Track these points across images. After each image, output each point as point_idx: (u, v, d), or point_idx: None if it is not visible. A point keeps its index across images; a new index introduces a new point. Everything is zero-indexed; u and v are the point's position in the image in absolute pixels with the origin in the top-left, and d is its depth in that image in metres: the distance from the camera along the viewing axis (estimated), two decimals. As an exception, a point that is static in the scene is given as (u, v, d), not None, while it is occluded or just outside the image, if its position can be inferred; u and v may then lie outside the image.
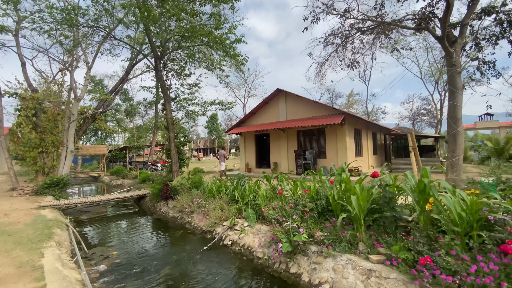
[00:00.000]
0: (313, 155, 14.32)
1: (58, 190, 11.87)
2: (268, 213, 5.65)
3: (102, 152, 24.57)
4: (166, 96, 9.63)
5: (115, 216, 10.16)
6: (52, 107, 18.11)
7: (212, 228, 6.75)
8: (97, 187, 20.36)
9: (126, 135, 64.83)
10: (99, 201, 9.97)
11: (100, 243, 6.90)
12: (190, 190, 9.14)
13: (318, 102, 14.42)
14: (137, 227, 8.44)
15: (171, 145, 9.65)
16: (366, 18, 11.33)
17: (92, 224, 8.88)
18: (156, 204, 10.19)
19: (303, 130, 15.48)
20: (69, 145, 13.02)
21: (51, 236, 5.61)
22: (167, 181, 10.04)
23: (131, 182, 16.56)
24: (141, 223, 8.90)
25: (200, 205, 7.78)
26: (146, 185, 13.67)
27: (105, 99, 20.99)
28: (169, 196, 9.39)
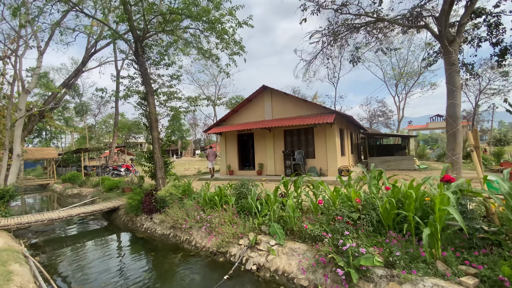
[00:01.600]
0: (303, 155, 13.69)
1: (3, 204, 9.29)
2: (310, 229, 4.61)
3: (51, 155, 20.94)
4: (149, 86, 7.98)
5: (82, 236, 8.16)
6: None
7: (224, 248, 5.50)
8: (47, 197, 17.11)
9: (75, 136, 58.06)
10: (60, 218, 7.89)
11: (72, 279, 5.16)
12: (181, 200, 7.67)
13: (307, 100, 13.89)
14: (116, 249, 6.72)
15: (155, 146, 8.04)
16: (364, 14, 11.02)
17: (53, 249, 6.88)
18: (135, 218, 8.45)
19: (291, 130, 14.77)
20: (16, 148, 10.38)
21: (10, 279, 3.84)
22: (151, 190, 8.38)
23: (93, 191, 14.09)
24: (120, 243, 7.17)
25: (202, 219, 6.42)
26: (115, 195, 11.60)
27: (55, 93, 17.99)
28: (154, 209, 7.79)
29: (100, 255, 6.39)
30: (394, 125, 42.55)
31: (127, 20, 7.55)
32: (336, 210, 4.62)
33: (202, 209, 7.14)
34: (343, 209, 4.64)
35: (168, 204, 7.55)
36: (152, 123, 7.97)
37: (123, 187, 11.65)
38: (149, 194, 8.22)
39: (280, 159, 14.85)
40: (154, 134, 8.00)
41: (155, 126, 8.02)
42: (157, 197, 7.66)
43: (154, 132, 8.00)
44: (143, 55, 8.05)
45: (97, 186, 15.02)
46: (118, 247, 6.88)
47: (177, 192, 7.65)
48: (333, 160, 13.30)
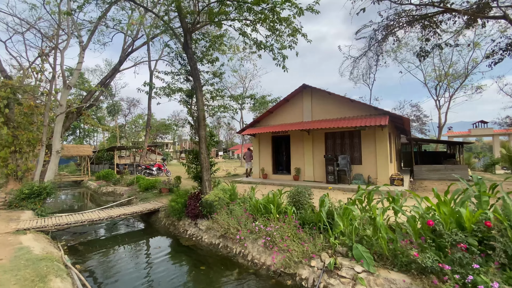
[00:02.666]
0: (348, 161, 12.52)
1: (39, 202, 9.12)
2: (421, 258, 3.56)
3: (86, 153, 21.35)
4: (198, 81, 7.34)
5: (121, 238, 7.65)
6: (29, 99, 15.12)
7: (292, 269, 4.60)
8: (82, 194, 17.27)
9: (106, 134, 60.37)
10: (100, 219, 7.43)
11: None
12: (229, 206, 6.90)
13: (354, 100, 12.77)
14: (161, 259, 6.04)
15: (201, 146, 7.36)
16: (430, 3, 9.76)
17: (92, 254, 6.37)
18: (178, 223, 7.81)
19: (333, 133, 13.65)
20: (55, 144, 10.25)
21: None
22: (196, 193, 7.72)
23: (128, 190, 13.85)
24: (164, 251, 6.51)
25: (260, 231, 5.58)
26: (152, 195, 11.15)
27: (93, 91, 18.21)
28: (200, 214, 7.08)
29: (144, 264, 5.75)
30: (429, 131, 39.59)
31: (178, 10, 6.98)
32: (453, 235, 3.56)
33: (254, 217, 6.33)
34: (460, 234, 3.57)
35: (215, 210, 6.81)
36: (200, 121, 7.31)
37: (160, 187, 11.18)
38: (194, 198, 7.55)
39: (320, 164, 13.77)
40: (201, 133, 7.34)
41: (203, 124, 7.36)
42: (204, 201, 6.95)
43: (201, 130, 7.33)
44: (192, 48, 7.45)
45: (132, 185, 14.81)
46: (163, 255, 6.21)
47: (225, 197, 6.90)
48: (383, 167, 12.01)
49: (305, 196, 6.38)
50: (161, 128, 53.06)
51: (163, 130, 71.40)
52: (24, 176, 12.59)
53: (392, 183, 12.07)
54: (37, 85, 14.26)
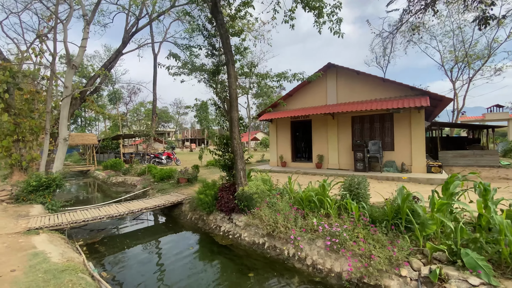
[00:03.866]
0: (380, 147, 11.52)
1: (49, 195, 8.22)
2: None
3: (91, 141, 20.38)
4: (229, 53, 6.22)
5: (143, 235, 6.76)
6: (29, 83, 14.02)
7: (376, 280, 3.70)
8: (89, 185, 16.42)
9: (108, 124, 59.34)
10: (120, 214, 6.53)
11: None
12: (271, 199, 5.97)
13: (387, 79, 11.60)
14: (200, 262, 5.16)
15: (234, 130, 6.34)
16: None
17: (115, 255, 5.50)
18: (207, 217, 6.91)
19: (361, 116, 12.59)
20: (62, 131, 9.25)
21: None
22: (229, 184, 6.77)
23: (140, 180, 12.96)
24: (199, 252, 5.62)
25: (325, 231, 4.65)
26: (170, 186, 10.24)
27: (96, 75, 17.01)
28: (236, 208, 6.16)
29: (179, 269, 4.85)
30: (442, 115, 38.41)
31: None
32: None
33: (303, 213, 5.41)
34: None
35: (255, 204, 5.88)
36: (232, 100, 6.26)
37: (178, 177, 10.26)
38: (226, 189, 6.61)
39: (346, 150, 12.80)
40: (233, 115, 6.29)
41: (235, 104, 6.31)
42: (240, 194, 6.01)
43: (233, 112, 6.29)
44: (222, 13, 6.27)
45: (143, 174, 13.91)
46: (198, 257, 5.33)
47: (267, 189, 5.96)
48: (419, 154, 11.04)
49: (365, 187, 5.43)
50: (163, 116, 51.91)
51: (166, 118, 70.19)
52: (29, 167, 11.70)
53: (429, 171, 11.14)
54: (37, 69, 13.09)
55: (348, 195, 5.09)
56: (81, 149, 32.23)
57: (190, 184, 10.23)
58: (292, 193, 6.34)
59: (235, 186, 6.50)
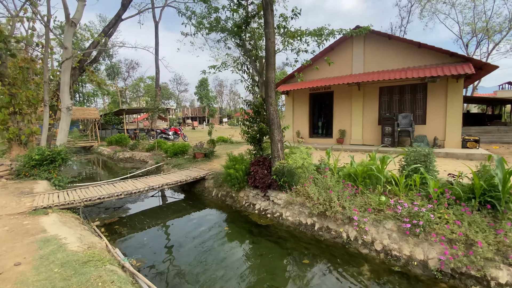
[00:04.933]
0: (411, 120, 10.56)
1: (54, 170, 7.37)
2: None
3: (93, 116, 19.30)
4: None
5: (165, 214, 5.97)
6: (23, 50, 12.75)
7: (478, 270, 2.92)
8: (95, 161, 15.61)
9: (106, 100, 57.73)
10: (139, 190, 5.71)
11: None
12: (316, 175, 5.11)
13: (423, 44, 10.35)
14: (241, 247, 4.39)
15: (270, 94, 5.33)
16: None
17: (139, 238, 4.74)
18: (237, 194, 6.10)
19: (390, 87, 11.50)
20: (64, 99, 8.22)
21: None
22: (263, 158, 5.88)
23: (149, 156, 12.12)
24: (237, 234, 4.85)
25: (404, 211, 3.82)
26: (185, 161, 9.38)
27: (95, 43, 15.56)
28: (275, 184, 5.31)
29: (219, 254, 4.08)
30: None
31: None
32: None
33: (357, 192, 4.58)
34: None
35: (298, 180, 5.04)
36: (269, 56, 5.18)
37: (194, 152, 9.38)
38: (260, 164, 5.73)
39: (371, 124, 11.85)
40: (270, 75, 5.26)
41: (272, 62, 5.24)
42: (279, 169, 5.14)
43: (270, 71, 5.24)
44: None
45: (152, 150, 13.04)
46: (237, 240, 4.57)
47: (310, 163, 5.08)
48: (455, 128, 10.12)
49: (432, 160, 4.55)
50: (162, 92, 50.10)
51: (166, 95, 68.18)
52: (28, 141, 10.81)
53: (465, 146, 10.28)
54: (30, 35, 11.71)
55: (422, 169, 4.21)
56: (81, 125, 31.19)
57: (208, 159, 9.39)
58: (335, 169, 5.49)
59: (270, 159, 5.62)
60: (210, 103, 72.88)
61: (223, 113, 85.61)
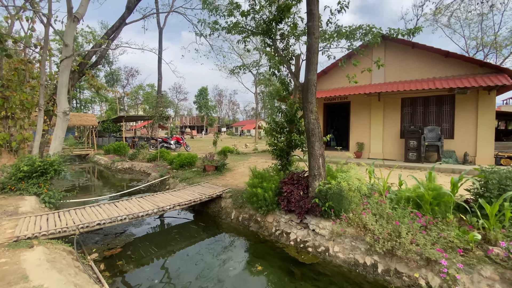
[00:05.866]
0: (438, 134, 9.77)
1: (45, 183, 6.33)
2: None
3: (90, 123, 18.28)
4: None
5: (176, 241, 4.93)
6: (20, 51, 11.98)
7: None
8: (91, 171, 14.47)
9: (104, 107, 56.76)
10: (148, 213, 4.70)
11: None
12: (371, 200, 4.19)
13: (451, 53, 9.71)
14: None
15: (310, 100, 4.46)
16: None
17: (150, 277, 3.72)
18: (264, 219, 5.11)
19: (413, 98, 10.77)
20: (61, 102, 7.26)
21: None
22: (297, 175, 4.94)
23: (152, 167, 11.09)
24: (272, 275, 3.85)
25: None
26: (194, 174, 8.38)
27: (97, 46, 14.79)
28: (316, 210, 4.35)
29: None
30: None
31: None
32: None
33: (430, 222, 3.65)
34: None
35: (347, 206, 4.10)
36: (311, 55, 4.34)
37: (205, 164, 8.40)
38: (294, 183, 4.79)
39: (393, 138, 11.04)
40: (311, 77, 4.41)
41: (315, 61, 4.40)
42: (325, 191, 4.20)
43: (312, 72, 4.39)
44: None
45: (154, 160, 12.03)
46: (273, 285, 3.58)
47: (362, 185, 4.16)
48: (486, 143, 9.34)
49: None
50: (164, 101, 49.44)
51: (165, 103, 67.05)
52: (19, 148, 9.82)
53: (498, 163, 9.49)
54: (29, 35, 10.88)
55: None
56: (77, 132, 29.97)
57: (219, 173, 8.42)
58: (383, 190, 4.58)
59: (307, 177, 4.70)
60: (209, 112, 72.14)
61: (221, 122, 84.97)
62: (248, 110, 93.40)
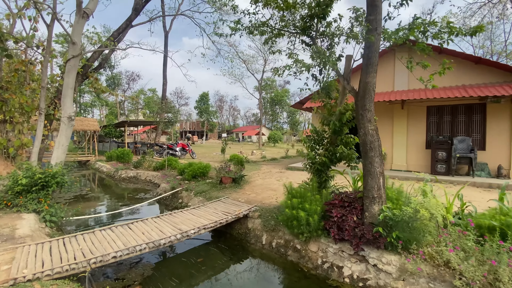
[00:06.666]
0: (470, 145, 9.11)
1: (46, 199, 5.55)
2: None
3: (92, 127, 17.50)
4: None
5: (198, 270, 4.16)
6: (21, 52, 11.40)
7: None
8: (92, 178, 13.64)
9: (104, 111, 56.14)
10: (171, 241, 3.94)
11: None
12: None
13: (484, 59, 9.15)
14: None
15: (367, 106, 3.77)
16: None
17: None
18: (306, 246, 4.34)
19: (439, 106, 10.14)
20: (66, 106, 6.52)
21: None
22: (350, 196, 4.20)
23: (159, 176, 10.33)
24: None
25: None
26: (209, 187, 7.61)
27: (101, 50, 14.17)
28: (379, 241, 3.60)
29: None
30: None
31: None
32: None
33: None
34: None
35: (420, 237, 3.36)
36: (372, 54, 3.68)
37: (222, 176, 7.65)
38: (346, 205, 4.05)
39: (418, 148, 10.36)
40: (369, 80, 3.74)
41: (375, 61, 3.73)
42: (390, 218, 3.47)
43: (370, 75, 3.72)
44: None
45: (161, 169, 11.26)
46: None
47: (439, 210, 3.44)
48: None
49: None
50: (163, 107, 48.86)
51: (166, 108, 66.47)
52: (17, 155, 9.07)
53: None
54: (31, 35, 10.25)
55: None
56: (76, 136, 29.10)
57: (237, 186, 7.67)
58: (448, 214, 3.85)
59: (363, 200, 3.97)
60: (210, 118, 71.57)
61: (221, 128, 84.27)
62: (248, 115, 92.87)
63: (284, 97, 65.63)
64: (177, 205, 7.43)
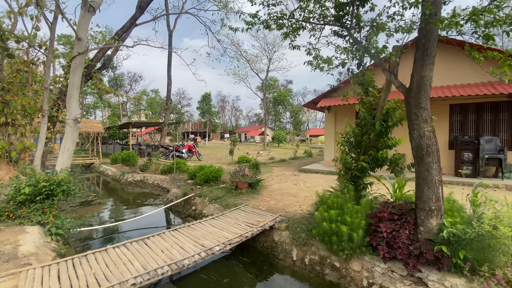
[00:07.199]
0: (498, 145, 8.56)
1: (51, 209, 5.07)
2: None
3: (96, 129, 17.06)
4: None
5: (220, 286, 3.70)
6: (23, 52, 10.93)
7: None
8: (98, 182, 13.18)
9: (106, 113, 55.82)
10: (195, 260, 3.45)
11: None
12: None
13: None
14: None
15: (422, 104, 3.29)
16: None
17: None
18: (346, 265, 3.79)
19: (463, 105, 9.60)
20: (72, 107, 6.03)
21: None
22: (401, 209, 3.69)
23: (168, 180, 9.86)
24: None
25: None
26: (224, 192, 7.11)
27: (105, 49, 13.73)
28: (443, 262, 3.07)
29: None
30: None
31: None
32: None
33: None
34: None
35: (495, 259, 2.85)
36: (429, 44, 3.18)
37: (237, 181, 7.15)
38: (395, 218, 3.53)
39: (441, 148, 9.69)
40: (426, 73, 3.24)
41: (433, 52, 3.23)
42: (459, 236, 2.96)
43: (427, 68, 3.22)
44: None
45: (170, 172, 10.78)
46: None
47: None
48: (557, 155, 8.12)
49: None
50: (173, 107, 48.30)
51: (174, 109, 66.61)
52: (20, 158, 8.63)
53: None
54: (33, 35, 9.80)
55: None
56: (79, 139, 28.72)
57: (254, 191, 7.17)
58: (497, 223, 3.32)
59: (416, 213, 3.46)
60: (212, 118, 71.19)
61: (223, 128, 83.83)
62: (251, 116, 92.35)
63: (287, 97, 65.14)
64: (190, 213, 6.93)
